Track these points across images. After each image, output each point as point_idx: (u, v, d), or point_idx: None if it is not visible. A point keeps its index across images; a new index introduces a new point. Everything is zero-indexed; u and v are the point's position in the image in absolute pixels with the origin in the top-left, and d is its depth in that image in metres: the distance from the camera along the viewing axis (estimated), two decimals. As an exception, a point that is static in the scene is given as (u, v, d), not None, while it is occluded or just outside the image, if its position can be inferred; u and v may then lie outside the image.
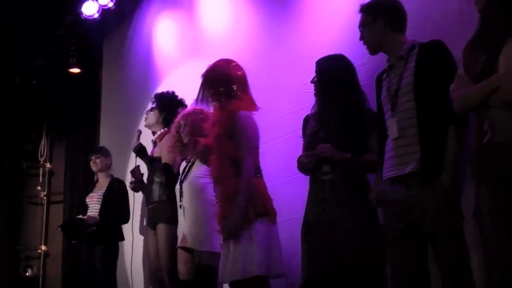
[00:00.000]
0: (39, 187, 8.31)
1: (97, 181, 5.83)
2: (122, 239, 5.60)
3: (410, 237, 2.68)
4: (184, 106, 4.71)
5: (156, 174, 4.66)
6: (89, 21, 6.93)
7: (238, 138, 3.42)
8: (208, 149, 3.56)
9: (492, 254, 2.23)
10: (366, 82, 3.37)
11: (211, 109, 3.69)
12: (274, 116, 4.41)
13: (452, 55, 2.72)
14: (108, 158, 5.84)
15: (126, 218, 5.50)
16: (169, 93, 4.95)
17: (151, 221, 4.68)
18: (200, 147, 3.71)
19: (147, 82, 6.32)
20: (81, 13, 6.83)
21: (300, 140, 3.49)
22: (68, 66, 7.44)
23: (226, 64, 3.64)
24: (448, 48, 2.74)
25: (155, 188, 4.65)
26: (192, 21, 5.74)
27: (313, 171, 3.28)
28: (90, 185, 5.95)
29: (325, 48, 3.74)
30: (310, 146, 3.31)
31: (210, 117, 3.68)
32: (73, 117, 7.94)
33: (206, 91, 3.60)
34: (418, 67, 2.74)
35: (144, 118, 5.01)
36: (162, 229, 4.53)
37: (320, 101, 3.38)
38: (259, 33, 4.85)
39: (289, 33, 4.50)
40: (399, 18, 2.91)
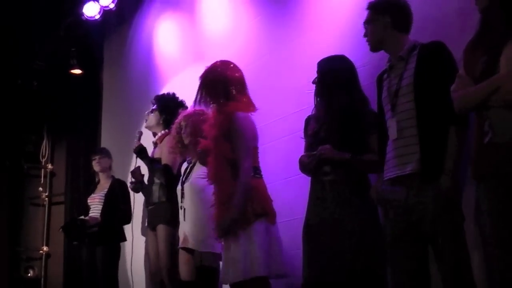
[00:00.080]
0: (41, 188, 8.30)
1: (99, 182, 5.85)
2: (124, 240, 5.60)
3: (410, 238, 2.68)
4: (185, 108, 4.71)
5: (156, 175, 4.67)
6: (90, 22, 6.93)
7: (236, 140, 3.43)
8: (206, 151, 3.57)
9: (492, 254, 2.23)
10: (368, 83, 3.37)
11: (211, 111, 3.69)
12: (275, 117, 4.42)
13: (453, 56, 2.72)
14: (111, 159, 5.88)
15: (128, 219, 5.51)
16: (170, 95, 4.96)
17: (151, 222, 4.69)
18: (199, 149, 3.72)
19: (148, 83, 6.32)
20: (82, 14, 6.83)
21: (301, 141, 3.49)
22: (69, 67, 7.42)
23: (224, 66, 3.64)
24: (449, 49, 2.75)
25: (155, 189, 4.65)
26: (193, 23, 5.75)
27: (314, 172, 3.28)
28: (91, 186, 5.96)
29: (326, 49, 3.74)
30: (312, 147, 3.32)
31: (209, 119, 3.69)
32: (74, 118, 7.93)
33: (204, 93, 3.61)
34: (418, 68, 2.74)
35: (145, 120, 5.01)
36: (162, 230, 4.53)
37: (321, 102, 3.38)
38: (260, 35, 4.85)
39: (290, 34, 4.50)
40: (404, 19, 2.92)
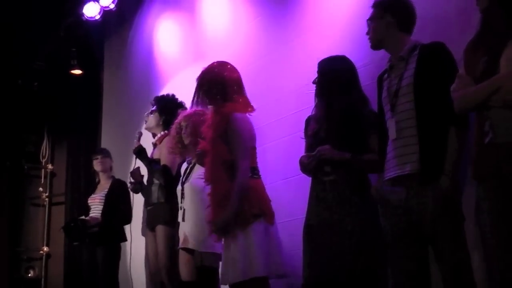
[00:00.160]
0: (41, 188, 8.31)
1: (99, 182, 5.85)
2: (125, 240, 5.60)
3: (410, 238, 2.68)
4: (184, 109, 4.71)
5: (155, 176, 4.67)
6: (91, 23, 6.93)
7: (233, 140, 3.43)
8: (204, 152, 3.58)
9: (492, 254, 2.23)
10: (368, 83, 3.37)
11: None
12: (275, 117, 4.42)
13: (453, 57, 2.72)
14: (112, 160, 5.90)
15: (128, 219, 5.52)
16: (169, 96, 4.96)
17: (150, 223, 4.68)
18: (197, 150, 3.73)
19: (148, 83, 6.32)
20: (83, 15, 6.84)
21: (301, 141, 3.49)
22: (69, 68, 7.43)
23: (221, 67, 3.63)
24: (449, 50, 2.74)
25: (154, 190, 4.65)
26: (193, 23, 5.75)
27: (314, 172, 3.28)
28: (92, 187, 5.96)
29: (326, 49, 3.74)
30: (312, 147, 3.32)
31: (207, 120, 3.69)
32: (74, 119, 7.93)
33: (202, 94, 3.61)
34: (418, 68, 2.74)
35: (145, 121, 5.01)
36: (161, 231, 4.53)
37: (321, 102, 3.39)
38: (260, 35, 4.85)
39: (290, 35, 4.50)
40: (407, 19, 2.92)
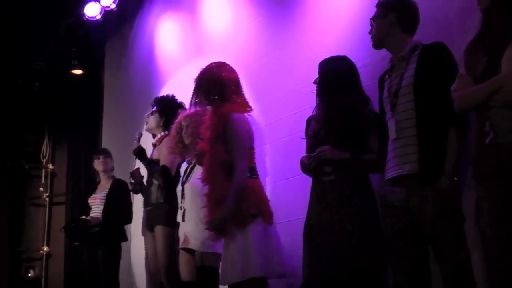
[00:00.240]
0: (41, 188, 8.31)
1: (99, 182, 5.85)
2: (125, 240, 5.60)
3: (410, 238, 2.68)
4: (184, 109, 4.72)
5: (155, 177, 4.67)
6: (91, 23, 6.93)
7: (231, 141, 3.44)
8: (203, 153, 3.59)
9: (492, 254, 2.23)
10: (369, 83, 3.37)
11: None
12: (276, 117, 4.42)
13: (453, 57, 2.72)
14: (113, 160, 5.90)
15: (129, 219, 5.53)
16: (169, 97, 4.96)
17: (149, 223, 4.69)
18: (196, 151, 3.74)
19: (149, 84, 6.32)
20: (83, 15, 6.84)
21: (302, 141, 3.49)
22: (70, 68, 7.44)
23: (219, 67, 3.65)
24: (450, 50, 2.74)
25: (153, 190, 4.65)
26: (194, 23, 5.75)
27: (315, 172, 3.28)
28: (92, 187, 5.96)
29: (327, 50, 3.73)
30: (313, 147, 3.31)
31: (205, 121, 3.70)
32: (75, 119, 7.94)
33: (200, 95, 3.62)
34: (419, 68, 2.74)
35: (145, 122, 5.01)
36: (160, 231, 4.53)
37: (321, 102, 3.38)
38: (261, 35, 4.85)
39: (290, 35, 4.50)
40: (411, 19, 2.92)
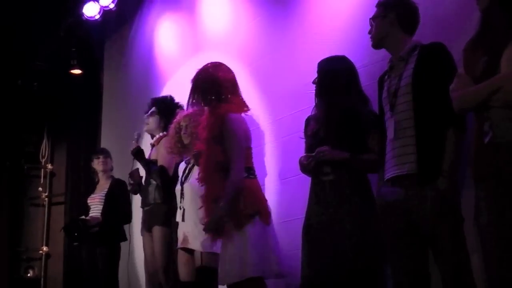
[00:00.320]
0: (41, 188, 8.31)
1: (98, 182, 5.85)
2: (125, 239, 5.59)
3: (410, 238, 2.68)
4: (182, 109, 4.72)
5: (153, 177, 4.68)
6: (90, 23, 6.92)
7: (228, 141, 3.45)
8: (200, 153, 3.59)
9: (492, 254, 2.23)
10: (369, 83, 3.37)
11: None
12: (275, 117, 4.41)
13: (452, 57, 2.72)
14: (112, 160, 5.90)
15: (128, 218, 5.54)
16: (168, 98, 4.96)
17: (147, 223, 4.69)
18: (193, 151, 3.75)
19: (149, 84, 6.32)
20: (82, 14, 6.82)
21: (301, 141, 3.49)
22: (69, 68, 7.42)
23: (215, 68, 3.65)
24: (448, 50, 2.74)
25: (151, 190, 4.65)
26: (193, 23, 5.74)
27: (314, 172, 3.28)
28: (91, 187, 5.96)
29: (326, 50, 3.73)
30: (312, 147, 3.31)
31: (203, 121, 3.70)
32: (74, 119, 7.94)
33: (196, 95, 3.62)
34: (417, 68, 2.74)
35: (145, 123, 5.00)
36: (158, 231, 4.54)
37: (320, 102, 3.38)
38: (260, 35, 4.84)
39: (290, 35, 4.49)
40: (410, 19, 2.92)
